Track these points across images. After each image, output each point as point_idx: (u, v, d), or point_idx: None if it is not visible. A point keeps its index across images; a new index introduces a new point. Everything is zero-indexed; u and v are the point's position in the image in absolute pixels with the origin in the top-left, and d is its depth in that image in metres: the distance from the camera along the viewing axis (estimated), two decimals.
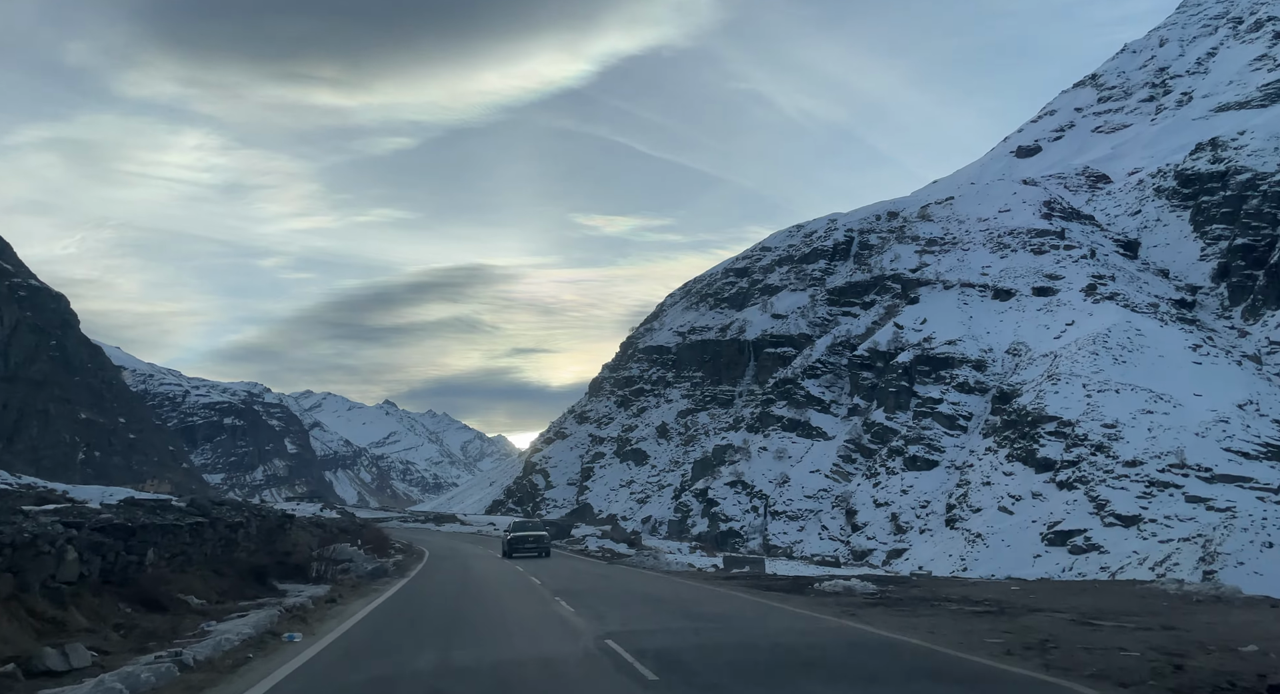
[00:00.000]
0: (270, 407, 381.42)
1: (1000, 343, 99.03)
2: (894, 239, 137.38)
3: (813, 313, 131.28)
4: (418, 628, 14.52)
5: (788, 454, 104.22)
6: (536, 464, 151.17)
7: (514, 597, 20.17)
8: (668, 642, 12.57)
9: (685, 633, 13.74)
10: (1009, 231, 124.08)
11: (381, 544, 34.43)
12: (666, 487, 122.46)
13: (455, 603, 18.44)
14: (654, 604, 18.37)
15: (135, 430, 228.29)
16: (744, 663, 11.19)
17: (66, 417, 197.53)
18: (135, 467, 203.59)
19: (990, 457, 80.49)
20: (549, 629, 14.38)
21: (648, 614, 16.56)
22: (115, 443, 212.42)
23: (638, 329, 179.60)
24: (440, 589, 22.15)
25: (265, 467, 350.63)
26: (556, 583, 23.52)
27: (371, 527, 43.69)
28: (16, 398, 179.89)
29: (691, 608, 17.54)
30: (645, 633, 13.51)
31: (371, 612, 16.32)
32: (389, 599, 19.05)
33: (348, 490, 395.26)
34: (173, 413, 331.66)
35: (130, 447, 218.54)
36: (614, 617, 15.66)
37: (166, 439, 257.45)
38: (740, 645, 12.83)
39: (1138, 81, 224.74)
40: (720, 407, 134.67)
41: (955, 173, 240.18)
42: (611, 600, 18.93)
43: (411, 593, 20.96)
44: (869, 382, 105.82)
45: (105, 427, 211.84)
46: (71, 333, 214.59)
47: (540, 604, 18.07)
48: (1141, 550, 58.70)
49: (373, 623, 14.89)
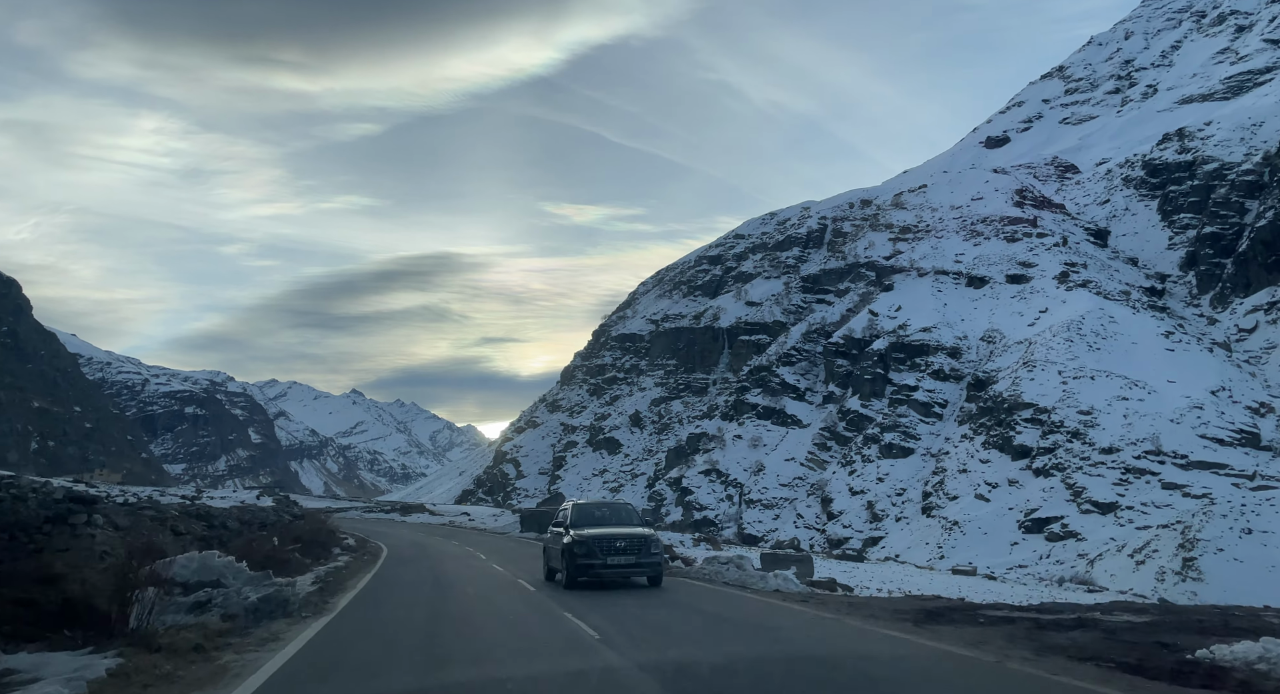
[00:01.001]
0: (234, 396, 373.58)
1: (975, 330, 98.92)
2: (868, 226, 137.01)
3: (787, 300, 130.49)
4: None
5: (762, 442, 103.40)
6: (507, 453, 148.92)
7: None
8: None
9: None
10: (982, 219, 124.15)
11: (320, 543, 26.08)
12: (640, 475, 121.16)
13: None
14: None
15: (92, 419, 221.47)
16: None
17: (18, 405, 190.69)
18: (91, 456, 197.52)
19: (966, 444, 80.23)
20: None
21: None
22: (70, 432, 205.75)
23: (610, 317, 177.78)
24: (389, 649, 9.92)
25: (228, 456, 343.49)
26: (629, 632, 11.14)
27: (315, 519, 35.28)
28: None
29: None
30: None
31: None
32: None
33: (314, 481, 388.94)
34: (131, 402, 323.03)
35: (86, 436, 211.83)
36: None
37: (125, 428, 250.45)
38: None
39: (1104, 74, 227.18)
40: (694, 395, 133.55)
41: (925, 163, 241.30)
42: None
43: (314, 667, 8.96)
44: (844, 369, 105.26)
45: (60, 415, 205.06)
46: (24, 319, 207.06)
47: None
48: (1119, 537, 58.58)
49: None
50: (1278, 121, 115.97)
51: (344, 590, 16.81)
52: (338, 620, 12.46)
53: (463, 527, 55.73)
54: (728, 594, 16.78)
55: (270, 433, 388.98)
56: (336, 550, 27.78)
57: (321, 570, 19.97)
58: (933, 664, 9.30)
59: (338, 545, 29.36)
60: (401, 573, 21.34)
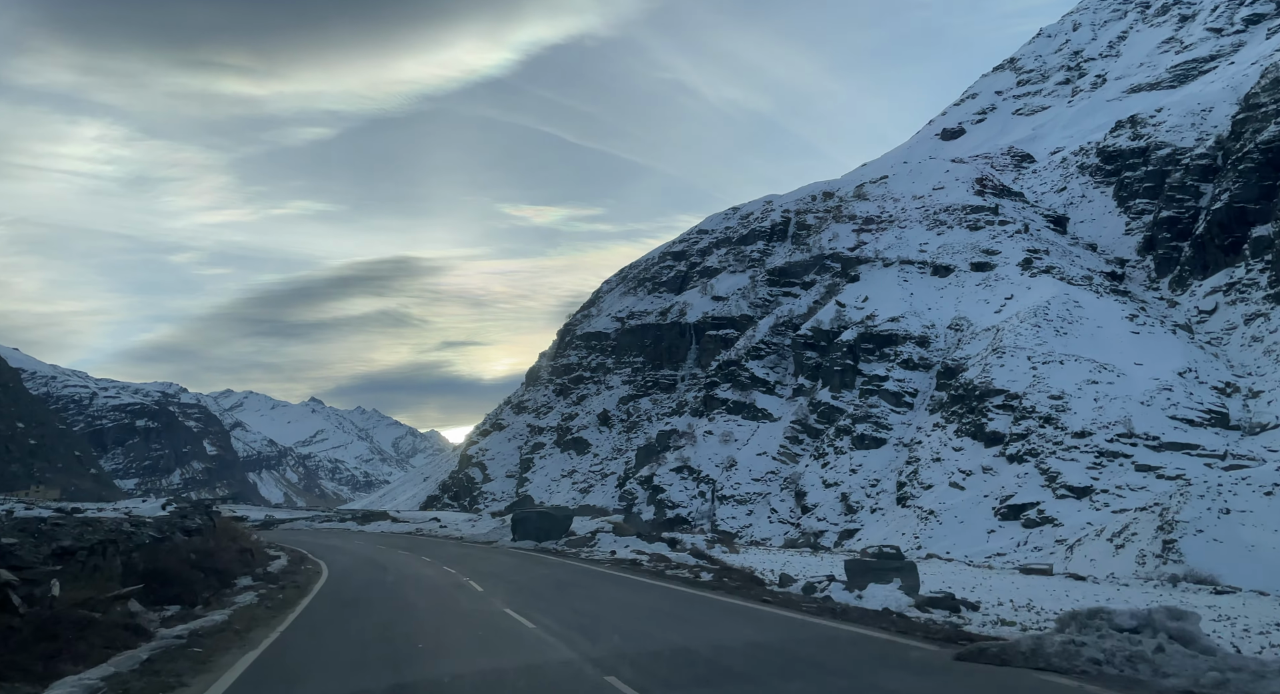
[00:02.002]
0: (187, 407, 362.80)
1: (942, 318, 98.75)
2: (831, 219, 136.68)
3: (753, 294, 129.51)
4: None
5: (734, 437, 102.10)
6: (473, 457, 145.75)
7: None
8: None
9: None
10: (944, 208, 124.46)
11: (216, 572, 17.44)
12: (610, 475, 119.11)
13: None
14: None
15: (36, 435, 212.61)
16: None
17: None
18: (37, 473, 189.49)
19: (939, 433, 79.71)
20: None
21: None
22: (14, 449, 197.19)
23: (575, 316, 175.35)
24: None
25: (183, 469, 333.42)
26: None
27: (229, 532, 24.60)
28: None
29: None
30: None
31: None
32: None
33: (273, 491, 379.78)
34: (79, 416, 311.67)
35: (31, 453, 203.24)
36: None
37: (72, 444, 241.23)
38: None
39: (1054, 65, 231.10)
40: (663, 392, 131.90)
41: (883, 156, 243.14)
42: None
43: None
44: (813, 361, 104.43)
45: (1, 433, 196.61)
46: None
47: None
48: (1096, 521, 58.19)
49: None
50: (1227, 107, 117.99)
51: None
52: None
53: (432, 535, 48.03)
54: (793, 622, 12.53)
55: (226, 444, 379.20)
56: (244, 582, 19.09)
57: (143, 652, 10.09)
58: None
59: (251, 572, 20.67)
60: (337, 636, 12.29)
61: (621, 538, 32.04)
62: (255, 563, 22.62)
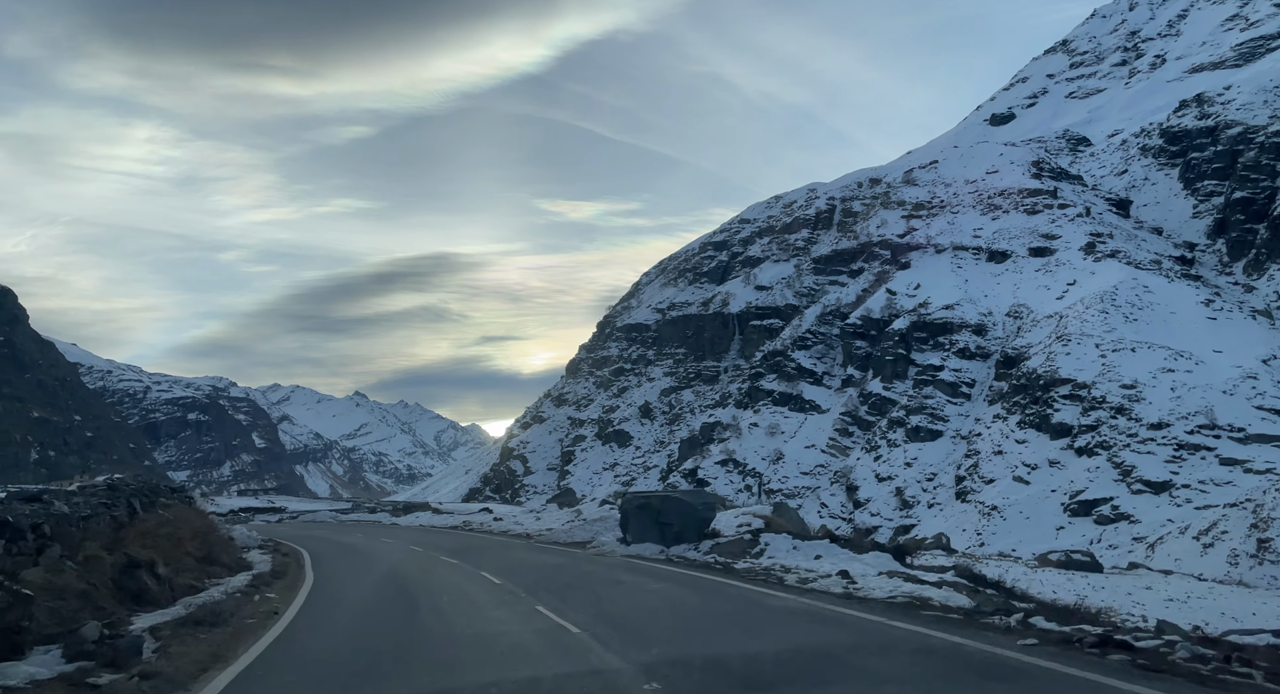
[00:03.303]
0: (236, 401, 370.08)
1: (1000, 306, 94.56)
2: (878, 205, 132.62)
3: (798, 283, 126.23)
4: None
5: (780, 429, 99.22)
6: (514, 450, 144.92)
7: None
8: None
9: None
10: (999, 192, 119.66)
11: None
12: (653, 468, 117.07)
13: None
14: None
15: (93, 428, 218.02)
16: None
17: (16, 415, 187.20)
18: (93, 465, 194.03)
19: (1000, 424, 75.97)
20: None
21: None
22: (71, 441, 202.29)
23: (614, 308, 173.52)
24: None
25: (233, 462, 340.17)
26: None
27: (183, 521, 17.43)
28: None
29: None
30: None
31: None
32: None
33: (319, 484, 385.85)
34: (134, 409, 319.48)
35: (88, 445, 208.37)
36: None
37: (127, 436, 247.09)
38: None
39: (1109, 46, 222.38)
40: (705, 383, 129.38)
41: (929, 143, 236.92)
42: None
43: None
44: (863, 351, 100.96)
45: (60, 425, 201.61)
46: (20, 329, 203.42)
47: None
48: (1178, 519, 54.40)
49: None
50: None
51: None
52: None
53: (485, 531, 35.64)
54: None
55: (274, 437, 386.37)
56: (145, 622, 10.49)
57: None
58: None
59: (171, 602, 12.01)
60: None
61: (796, 540, 20.09)
62: (209, 576, 15.14)
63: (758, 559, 18.98)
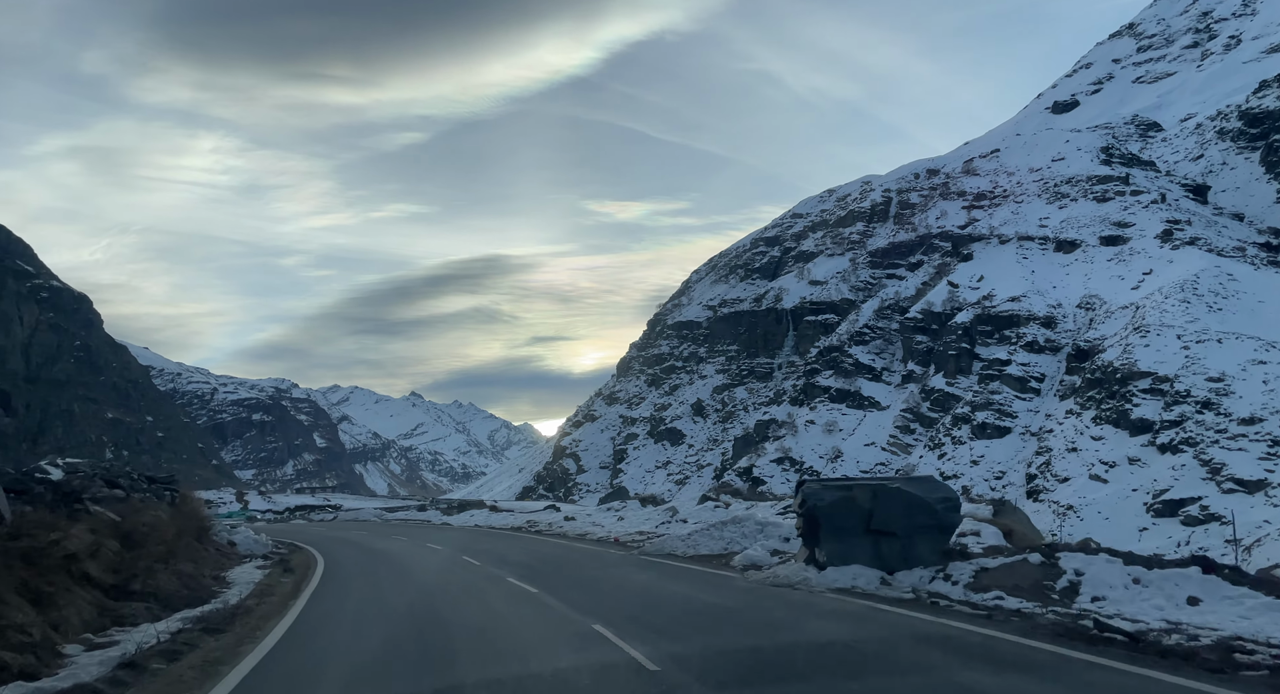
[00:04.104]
0: (298, 402, 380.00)
1: (1070, 297, 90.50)
2: (937, 196, 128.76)
3: (854, 277, 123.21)
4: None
5: (838, 427, 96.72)
6: (567, 448, 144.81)
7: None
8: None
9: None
10: (1066, 180, 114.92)
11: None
12: (706, 466, 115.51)
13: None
14: None
15: (163, 428, 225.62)
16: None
17: (92, 416, 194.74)
18: (164, 463, 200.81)
19: (1073, 420, 72.47)
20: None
21: None
22: (143, 441, 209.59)
23: (665, 306, 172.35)
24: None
25: (295, 461, 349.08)
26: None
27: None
28: (39, 398, 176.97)
29: None
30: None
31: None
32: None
33: (378, 482, 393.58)
34: (202, 410, 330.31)
35: (159, 444, 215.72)
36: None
37: (195, 436, 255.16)
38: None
39: (1179, 28, 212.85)
40: (759, 380, 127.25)
41: (987, 133, 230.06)
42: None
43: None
44: (924, 346, 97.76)
45: (132, 425, 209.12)
46: (95, 333, 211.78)
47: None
48: (1276, 520, 50.79)
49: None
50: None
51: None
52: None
53: (559, 536, 26.85)
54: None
55: (334, 437, 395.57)
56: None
57: None
58: None
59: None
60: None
61: (1132, 568, 11.14)
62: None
63: (1071, 603, 10.61)
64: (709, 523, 20.67)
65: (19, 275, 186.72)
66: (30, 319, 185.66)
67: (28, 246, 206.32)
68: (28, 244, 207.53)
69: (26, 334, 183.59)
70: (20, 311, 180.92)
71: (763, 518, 19.97)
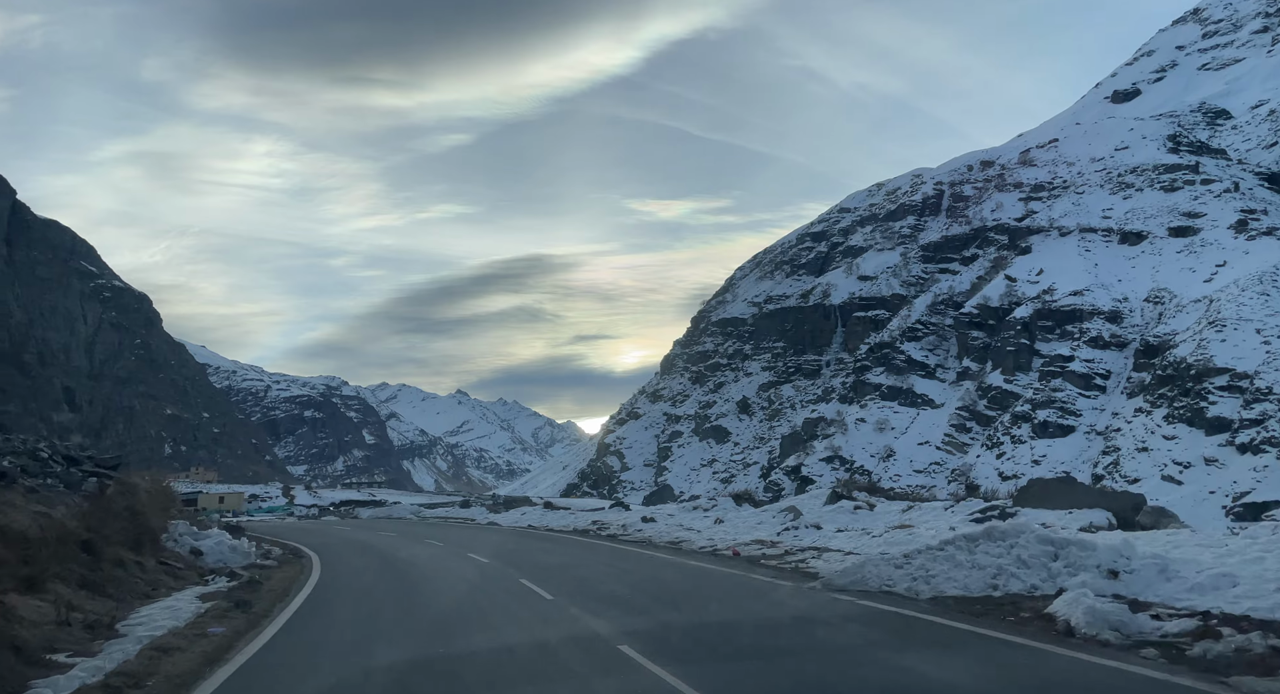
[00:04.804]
0: (348, 399, 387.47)
1: (1137, 291, 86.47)
2: (993, 188, 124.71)
3: (905, 272, 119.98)
4: None
5: (890, 425, 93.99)
6: (610, 446, 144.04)
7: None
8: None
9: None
10: (1130, 170, 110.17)
11: None
12: (753, 465, 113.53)
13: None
14: None
15: (219, 424, 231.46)
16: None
17: (152, 412, 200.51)
18: (220, 459, 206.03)
19: (1143, 419, 68.95)
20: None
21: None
22: (200, 437, 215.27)
23: (709, 303, 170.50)
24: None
25: (345, 457, 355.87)
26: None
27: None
28: (102, 394, 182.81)
29: None
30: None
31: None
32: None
33: (425, 479, 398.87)
34: (256, 407, 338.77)
35: (215, 440, 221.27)
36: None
37: (250, 432, 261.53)
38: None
39: (1248, 12, 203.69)
40: (806, 377, 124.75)
41: (1042, 125, 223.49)
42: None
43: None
44: (980, 341, 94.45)
45: (190, 421, 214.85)
46: (155, 332, 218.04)
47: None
48: None
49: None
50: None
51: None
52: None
53: (648, 545, 19.25)
54: None
55: (383, 434, 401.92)
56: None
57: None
58: None
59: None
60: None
61: None
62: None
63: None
64: (942, 539, 11.40)
65: (83, 275, 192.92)
66: (93, 318, 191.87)
67: (92, 248, 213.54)
68: (92, 246, 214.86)
69: (90, 332, 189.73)
70: (84, 310, 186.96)
71: (1050, 534, 10.83)
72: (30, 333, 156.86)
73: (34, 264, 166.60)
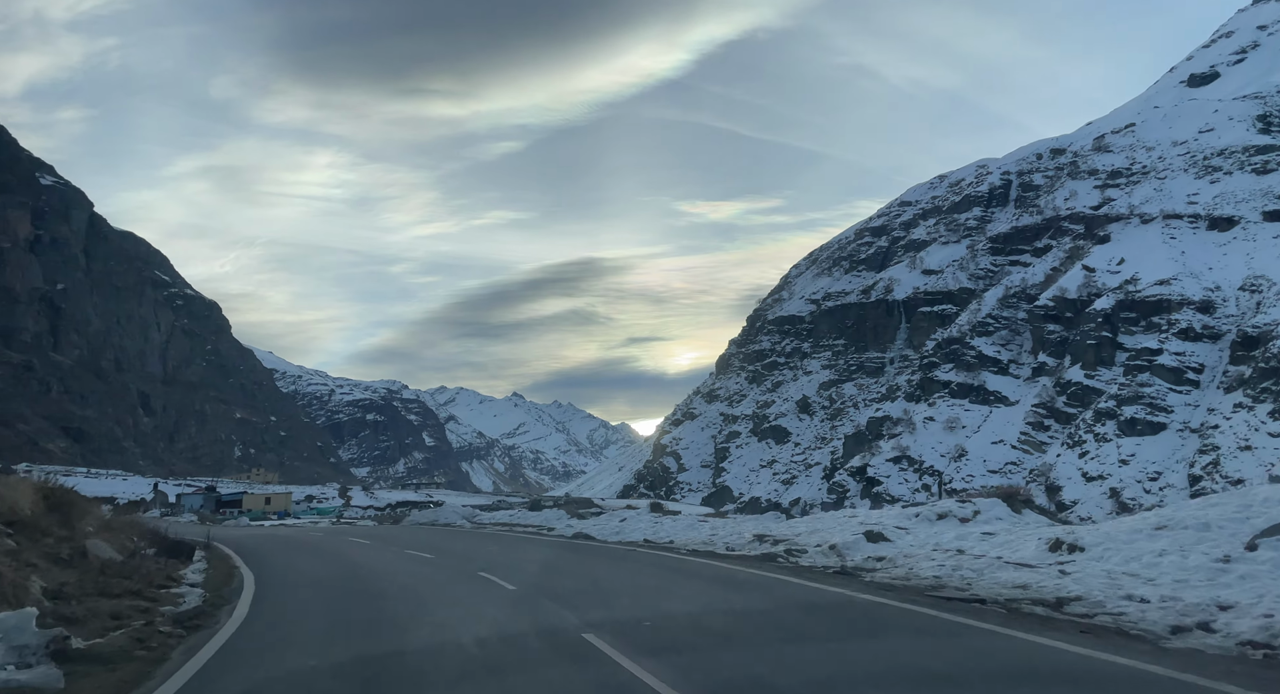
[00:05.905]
0: (408, 402, 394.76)
1: (1230, 279, 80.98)
2: (1064, 176, 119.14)
3: (972, 265, 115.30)
4: None
5: (960, 423, 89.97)
6: (666, 447, 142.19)
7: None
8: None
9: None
10: (1218, 153, 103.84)
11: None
12: (815, 465, 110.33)
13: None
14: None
15: (286, 428, 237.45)
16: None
17: (222, 416, 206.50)
18: (287, 462, 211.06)
19: (1244, 415, 64.11)
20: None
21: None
22: (268, 440, 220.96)
23: (764, 301, 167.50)
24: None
25: (406, 459, 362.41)
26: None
27: None
28: (175, 399, 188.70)
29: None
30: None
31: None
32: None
33: (483, 480, 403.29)
34: (320, 411, 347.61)
35: (282, 443, 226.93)
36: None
37: (315, 435, 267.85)
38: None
39: None
40: (868, 375, 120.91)
41: (1112, 112, 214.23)
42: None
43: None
44: (1057, 335, 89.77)
45: (258, 425, 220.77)
46: (225, 339, 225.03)
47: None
48: None
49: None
50: None
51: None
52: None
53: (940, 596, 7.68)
54: None
55: (442, 436, 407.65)
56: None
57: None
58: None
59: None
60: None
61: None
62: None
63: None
64: None
65: (157, 284, 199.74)
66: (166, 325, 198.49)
67: (165, 259, 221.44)
68: (165, 256, 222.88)
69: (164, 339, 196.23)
70: (158, 318, 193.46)
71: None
72: (107, 340, 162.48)
73: (111, 274, 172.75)
